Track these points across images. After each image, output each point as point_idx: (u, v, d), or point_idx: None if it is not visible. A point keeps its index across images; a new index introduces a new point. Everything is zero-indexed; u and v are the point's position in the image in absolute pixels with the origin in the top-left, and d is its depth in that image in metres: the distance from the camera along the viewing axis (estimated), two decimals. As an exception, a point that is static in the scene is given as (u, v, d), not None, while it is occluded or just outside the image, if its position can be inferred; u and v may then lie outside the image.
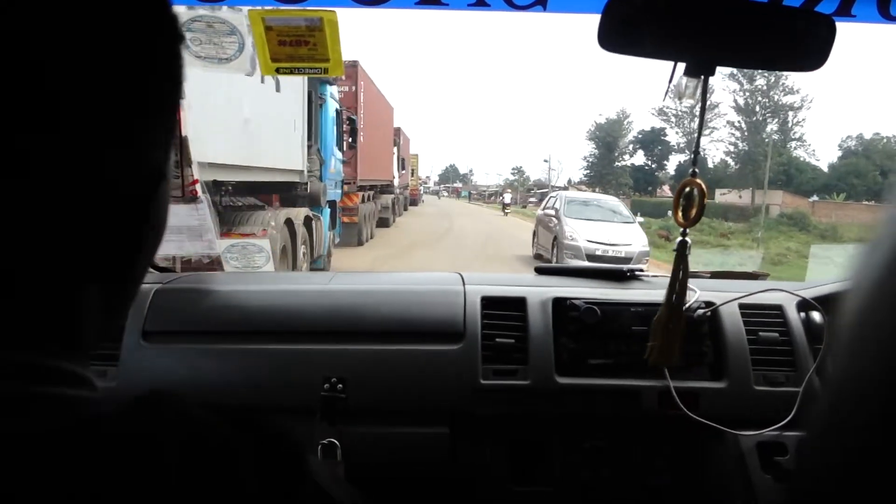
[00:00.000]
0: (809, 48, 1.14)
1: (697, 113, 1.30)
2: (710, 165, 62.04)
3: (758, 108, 54.50)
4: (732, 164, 58.24)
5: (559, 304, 1.61)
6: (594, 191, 66.60)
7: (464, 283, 1.70)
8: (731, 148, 57.65)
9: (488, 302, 1.63)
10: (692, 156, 1.32)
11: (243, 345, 1.55)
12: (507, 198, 48.98)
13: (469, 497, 1.54)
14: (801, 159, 55.42)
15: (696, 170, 1.28)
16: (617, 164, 66.98)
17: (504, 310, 1.62)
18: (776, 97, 54.19)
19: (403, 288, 1.74)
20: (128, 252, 0.45)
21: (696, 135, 1.35)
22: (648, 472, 1.59)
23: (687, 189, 1.31)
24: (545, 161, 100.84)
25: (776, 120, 54.93)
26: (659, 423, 1.57)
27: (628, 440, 1.59)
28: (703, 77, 1.18)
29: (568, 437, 1.58)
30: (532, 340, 1.57)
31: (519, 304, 1.63)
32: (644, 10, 1.11)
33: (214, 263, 2.23)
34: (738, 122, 56.40)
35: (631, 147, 67.91)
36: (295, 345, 1.55)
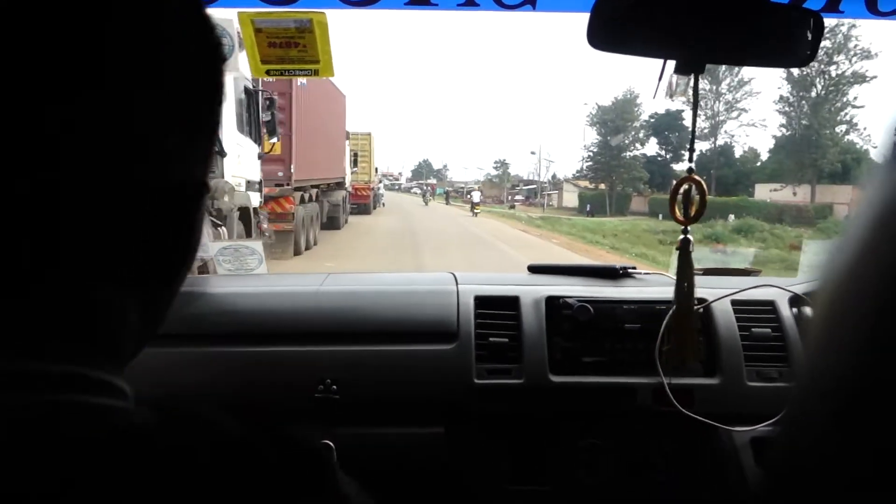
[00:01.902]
0: (798, 44, 1.15)
1: (722, 92, 1.30)
2: (737, 155, 55.55)
3: (819, 81, 43.95)
4: (770, 152, 51.32)
5: (552, 302, 1.61)
6: (596, 187, 58.26)
7: (457, 283, 1.70)
8: (782, 131, 47.46)
9: (481, 301, 1.63)
10: (689, 153, 1.33)
11: (236, 348, 1.55)
12: (476, 196, 41.44)
13: (465, 497, 1.54)
14: (859, 146, 45.02)
15: (693, 167, 1.29)
16: (627, 153, 56.77)
17: (497, 309, 1.62)
18: (844, 65, 43.29)
19: (396, 288, 1.74)
20: (167, 260, 0.46)
21: (719, 118, 1.35)
22: (643, 468, 1.59)
23: (685, 186, 1.31)
24: (532, 153, 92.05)
25: (838, 96, 43.93)
26: (653, 420, 1.57)
27: (623, 437, 1.60)
28: (693, 75, 1.19)
29: (563, 436, 1.59)
30: (526, 339, 1.57)
31: (512, 303, 1.63)
32: (633, 8, 1.11)
33: (206, 266, 2.22)
34: (790, 96, 45.99)
35: (642, 134, 57.97)
36: (288, 347, 1.55)
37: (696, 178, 1.27)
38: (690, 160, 1.30)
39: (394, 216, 32.67)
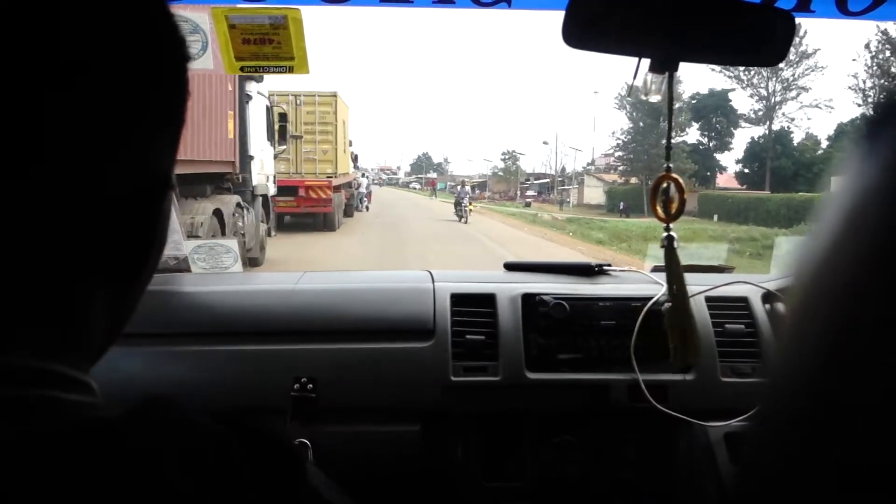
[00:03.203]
0: (770, 43, 1.16)
1: (779, 68, 1.28)
2: (795, 143, 46.57)
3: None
4: (829, 139, 43.99)
5: (528, 299, 1.62)
6: (626, 181, 49.60)
7: (433, 281, 1.70)
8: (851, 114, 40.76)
9: (458, 299, 1.63)
10: (665, 150, 1.33)
11: (212, 346, 1.53)
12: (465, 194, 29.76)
13: (442, 494, 1.54)
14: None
15: (670, 164, 1.30)
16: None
17: (474, 306, 1.63)
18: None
19: (372, 286, 1.74)
20: (133, 255, 0.46)
21: (775, 98, 1.35)
22: (618, 465, 1.61)
23: (664, 185, 1.32)
24: (545, 143, 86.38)
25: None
26: (628, 417, 1.58)
27: (598, 434, 1.61)
28: (668, 73, 1.20)
29: (539, 432, 1.59)
30: (502, 336, 1.57)
31: (488, 300, 1.63)
32: (607, 6, 1.12)
33: (181, 264, 2.20)
34: (872, 62, 38.89)
35: (682, 117, 45.90)
36: (264, 345, 1.54)
37: (675, 176, 1.28)
38: (668, 158, 1.31)
39: (374, 232, 19.64)
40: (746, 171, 49.76)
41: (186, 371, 1.51)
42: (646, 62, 1.18)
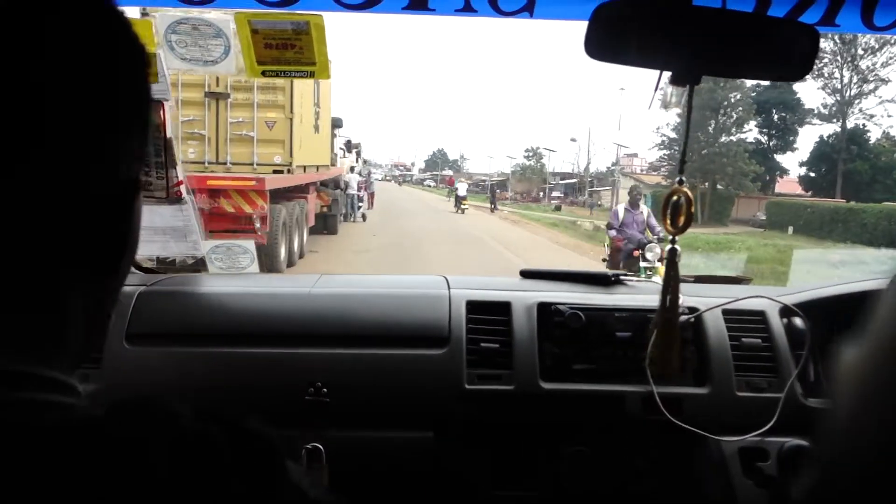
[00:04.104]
0: (794, 57, 1.15)
1: (858, 55, 1.20)
2: (872, 143, 39.93)
3: None
4: None
5: (544, 308, 1.61)
6: (669, 183, 38.04)
7: (449, 287, 1.70)
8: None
9: (473, 306, 1.63)
10: (679, 164, 1.32)
11: (227, 348, 1.54)
12: (462, 189, 31.99)
13: (453, 502, 1.54)
14: None
15: (683, 178, 1.29)
16: (725, 137, 38.85)
17: (489, 314, 1.62)
18: None
19: (388, 292, 1.74)
20: (105, 257, 0.47)
21: (850, 91, 1.31)
22: (631, 477, 1.60)
23: (675, 198, 1.31)
24: (573, 140, 78.93)
25: None
26: (642, 429, 1.57)
27: (612, 445, 1.60)
28: (689, 86, 1.19)
29: (552, 443, 1.59)
30: (517, 345, 1.57)
31: (504, 308, 1.63)
32: (630, 18, 1.11)
33: (199, 264, 2.21)
34: None
35: (740, 111, 39.31)
36: (279, 349, 1.54)
37: (685, 190, 1.27)
38: (681, 172, 1.30)
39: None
40: (813, 174, 43.43)
41: (201, 373, 1.52)
42: (667, 74, 1.17)
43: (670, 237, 1.35)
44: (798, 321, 1.62)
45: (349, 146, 20.53)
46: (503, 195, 57.06)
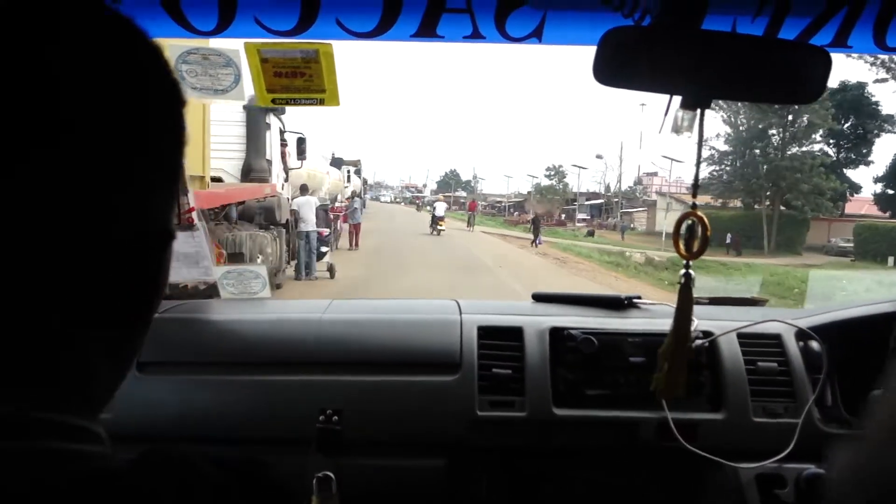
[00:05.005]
0: (806, 80, 1.14)
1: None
2: None
3: None
4: None
5: (556, 333, 1.60)
6: (724, 204, 37.54)
7: (460, 312, 1.69)
8: None
9: (485, 332, 1.62)
10: (693, 188, 1.31)
11: (239, 376, 1.54)
12: (440, 208, 29.59)
13: None
14: None
15: (696, 202, 1.27)
16: (793, 149, 33.61)
17: (501, 339, 1.61)
18: None
19: (399, 318, 1.73)
20: (132, 302, 0.47)
21: None
22: None
23: (688, 221, 1.29)
24: (598, 157, 70.16)
25: None
26: (657, 455, 1.55)
27: (626, 472, 1.57)
28: (699, 110, 1.18)
29: (565, 470, 1.57)
30: (529, 371, 1.55)
31: (516, 333, 1.61)
32: (639, 43, 1.11)
33: (211, 289, 2.22)
34: None
35: (805, 120, 33.48)
36: (290, 376, 1.54)
37: (700, 214, 1.26)
38: (694, 196, 1.29)
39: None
40: (891, 192, 37.29)
41: (212, 400, 1.51)
42: (677, 98, 1.17)
43: (684, 262, 1.34)
44: (815, 344, 1.60)
45: (338, 165, 16.66)
46: (521, 217, 52.78)
